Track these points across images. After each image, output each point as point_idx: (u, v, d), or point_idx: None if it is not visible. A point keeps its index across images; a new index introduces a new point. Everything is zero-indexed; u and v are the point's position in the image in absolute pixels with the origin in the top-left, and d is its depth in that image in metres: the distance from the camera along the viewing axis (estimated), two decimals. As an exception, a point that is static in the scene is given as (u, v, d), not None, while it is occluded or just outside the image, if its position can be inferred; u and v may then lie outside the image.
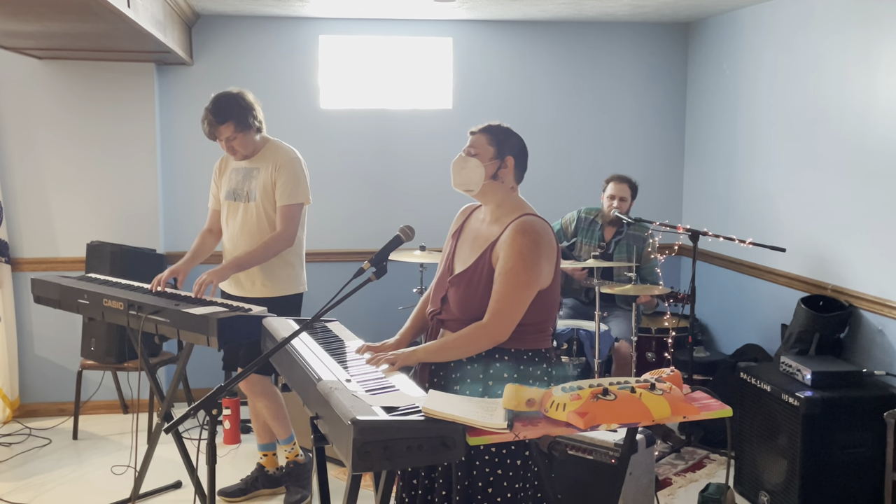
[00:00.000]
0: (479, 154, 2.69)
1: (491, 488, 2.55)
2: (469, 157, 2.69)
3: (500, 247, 2.60)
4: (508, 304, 2.54)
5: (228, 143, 3.75)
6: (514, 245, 2.56)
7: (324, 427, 2.22)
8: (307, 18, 5.52)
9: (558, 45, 5.81)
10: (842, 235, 4.32)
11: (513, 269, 2.54)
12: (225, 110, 3.69)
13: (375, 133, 5.69)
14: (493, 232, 2.68)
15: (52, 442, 4.90)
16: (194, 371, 5.25)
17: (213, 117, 3.68)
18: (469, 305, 2.62)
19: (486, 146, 2.70)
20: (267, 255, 3.73)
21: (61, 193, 5.28)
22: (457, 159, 2.71)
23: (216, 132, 3.71)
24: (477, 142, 2.72)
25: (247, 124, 3.73)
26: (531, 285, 2.56)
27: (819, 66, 4.47)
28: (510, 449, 2.57)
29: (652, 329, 5.19)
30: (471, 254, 2.70)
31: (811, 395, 3.63)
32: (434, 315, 2.75)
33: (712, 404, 2.22)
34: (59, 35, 4.22)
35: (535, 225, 2.61)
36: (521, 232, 2.58)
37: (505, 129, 2.77)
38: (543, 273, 2.58)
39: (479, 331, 2.56)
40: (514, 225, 2.61)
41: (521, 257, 2.55)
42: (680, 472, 4.37)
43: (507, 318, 2.54)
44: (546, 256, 2.58)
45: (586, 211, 5.17)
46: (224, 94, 3.76)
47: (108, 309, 3.55)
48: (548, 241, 2.61)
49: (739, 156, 5.29)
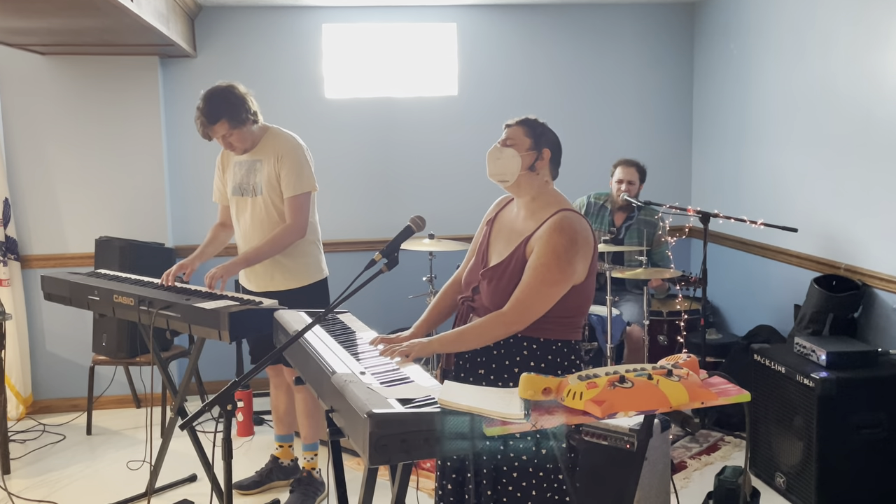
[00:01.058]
0: (516, 144, 2.65)
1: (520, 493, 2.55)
2: (505, 147, 2.65)
3: (535, 240, 2.57)
4: (532, 297, 2.52)
5: (226, 141, 3.68)
6: (550, 242, 2.53)
7: (339, 420, 2.21)
8: (310, 7, 5.49)
9: (563, 28, 5.76)
10: (854, 214, 4.28)
11: (545, 266, 2.51)
12: (216, 109, 3.59)
13: (381, 121, 5.67)
14: (528, 227, 2.64)
15: (66, 438, 4.91)
16: (206, 365, 5.26)
17: (205, 118, 3.59)
18: (501, 299, 2.59)
19: (522, 137, 2.66)
20: (276, 248, 3.69)
21: (68, 189, 5.28)
22: (492, 149, 2.67)
23: (210, 132, 3.63)
24: (513, 133, 2.67)
25: (240, 119, 3.63)
26: (561, 283, 2.53)
27: (827, 44, 4.42)
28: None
29: (664, 312, 5.17)
30: (506, 247, 2.67)
31: (826, 376, 3.61)
32: (466, 301, 2.74)
33: (730, 389, 2.20)
34: (63, 31, 4.20)
35: (574, 222, 2.57)
36: (558, 230, 2.54)
37: (541, 123, 2.73)
38: (578, 270, 2.55)
39: (496, 319, 2.54)
40: (552, 221, 2.57)
41: (556, 255, 2.52)
42: (695, 456, 4.35)
43: (528, 310, 2.52)
44: (582, 254, 2.55)
45: (595, 196, 5.14)
46: (213, 92, 3.63)
47: (118, 305, 3.54)
48: (585, 238, 2.57)
49: (748, 136, 5.25)
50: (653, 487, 3.39)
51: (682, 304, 5.14)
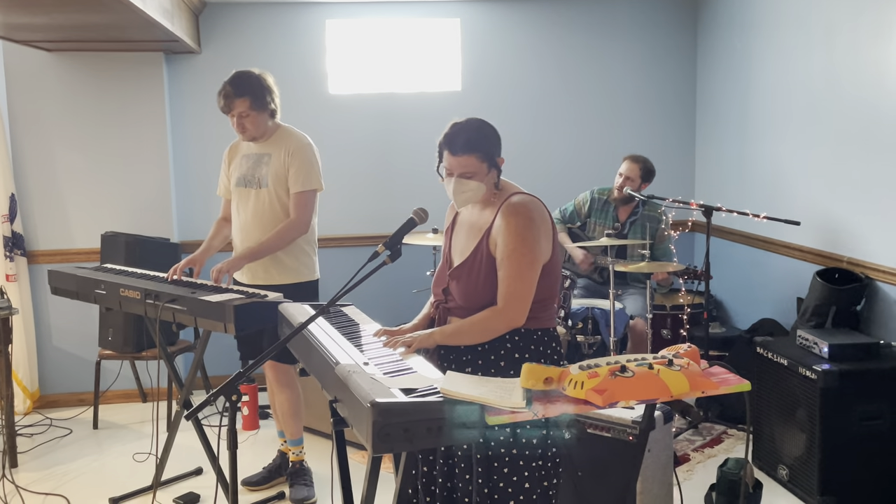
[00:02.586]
0: (476, 174, 2.61)
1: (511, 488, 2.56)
2: (466, 180, 2.61)
3: (496, 232, 2.59)
4: (519, 285, 2.54)
5: (240, 120, 3.71)
6: (510, 227, 2.55)
7: (343, 410, 2.23)
8: (314, 3, 5.50)
9: (567, 22, 5.77)
10: (856, 207, 4.29)
11: (515, 251, 2.54)
12: (245, 85, 3.67)
13: (385, 117, 5.69)
14: (485, 218, 2.67)
15: (73, 432, 4.95)
16: (211, 359, 5.28)
17: (231, 88, 3.66)
18: (472, 295, 2.62)
19: (478, 164, 2.61)
20: (281, 243, 3.73)
21: (74, 185, 5.31)
22: (455, 185, 2.61)
23: (232, 104, 3.67)
24: (468, 164, 2.60)
25: (263, 103, 3.71)
26: (535, 263, 2.56)
27: (831, 37, 4.43)
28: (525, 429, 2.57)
29: (667, 306, 5.18)
30: (467, 243, 2.69)
31: (829, 368, 3.62)
32: (440, 304, 2.76)
33: (731, 379, 2.22)
34: (68, 27, 4.23)
35: (526, 203, 2.61)
36: (513, 213, 2.57)
37: (483, 134, 2.64)
38: (543, 248, 2.58)
39: (496, 315, 2.56)
40: (504, 207, 2.60)
41: (521, 238, 2.54)
42: (698, 448, 4.37)
43: (522, 300, 2.55)
44: (543, 232, 2.58)
45: (599, 191, 5.15)
46: (245, 71, 3.74)
47: (125, 298, 3.57)
48: (541, 215, 2.60)
49: (751, 130, 5.25)
50: (656, 479, 3.41)
51: (685, 297, 5.16)
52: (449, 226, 2.86)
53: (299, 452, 4.05)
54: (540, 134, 5.82)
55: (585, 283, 5.16)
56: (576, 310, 4.74)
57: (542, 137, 5.83)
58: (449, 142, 2.63)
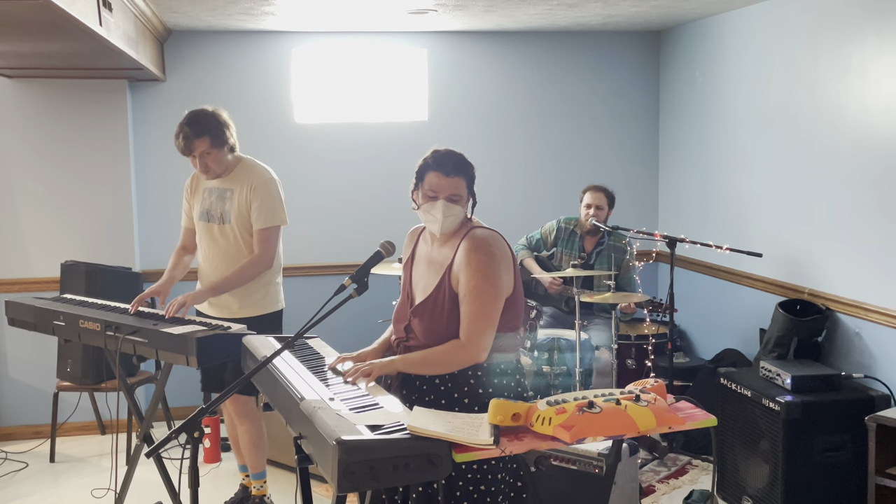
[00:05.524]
0: (461, 199, 2.64)
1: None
2: (453, 204, 2.62)
3: (457, 268, 2.58)
4: (481, 322, 2.53)
5: (202, 160, 3.69)
6: (471, 263, 2.55)
7: (308, 447, 2.20)
8: (280, 32, 5.50)
9: (532, 54, 5.83)
10: (817, 239, 4.36)
11: (476, 287, 2.53)
12: (202, 124, 3.64)
13: (351, 146, 5.68)
14: (444, 254, 2.66)
15: (29, 465, 4.82)
16: (173, 390, 5.19)
17: (189, 129, 3.63)
18: (434, 332, 2.61)
19: (463, 189, 2.64)
20: (244, 279, 3.70)
21: (34, 213, 5.22)
22: (444, 208, 2.60)
23: (192, 145, 3.64)
24: (457, 186, 2.62)
25: (222, 140, 3.69)
26: (497, 299, 2.56)
27: (791, 72, 4.51)
28: (491, 465, 2.55)
29: (631, 336, 5.20)
30: (429, 280, 2.68)
31: (791, 400, 3.65)
32: (401, 342, 2.73)
33: (697, 414, 2.22)
34: (30, 54, 4.17)
35: (487, 238, 2.60)
36: (474, 249, 2.57)
37: (468, 161, 2.68)
38: (505, 282, 2.58)
39: (458, 351, 2.55)
40: (465, 243, 2.60)
41: (482, 274, 2.54)
42: (663, 479, 4.37)
43: (484, 337, 2.54)
44: (504, 265, 2.59)
45: (565, 220, 5.18)
46: (200, 110, 3.71)
47: (84, 330, 3.50)
48: (501, 249, 2.60)
49: (714, 162, 5.33)
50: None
51: (649, 328, 5.18)
52: (409, 258, 2.83)
53: (262, 486, 3.98)
54: (505, 164, 5.85)
55: (552, 312, 5.17)
56: (542, 340, 4.74)
57: (507, 167, 5.86)
58: (439, 164, 2.63)
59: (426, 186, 2.64)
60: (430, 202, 2.63)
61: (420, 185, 2.67)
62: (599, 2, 4.62)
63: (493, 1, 4.53)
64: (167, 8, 4.52)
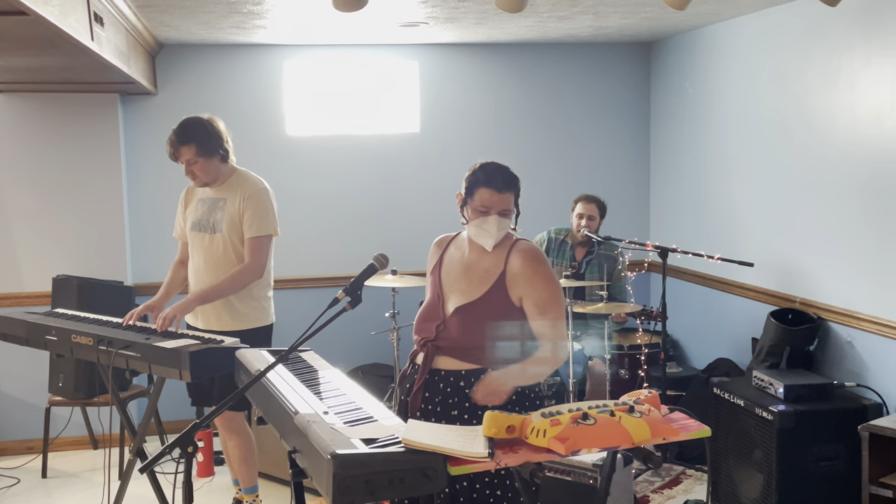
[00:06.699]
0: (510, 213, 2.75)
1: None
2: (504, 218, 2.72)
3: (518, 278, 2.67)
4: (562, 329, 2.68)
5: (189, 167, 3.70)
6: (540, 273, 2.68)
7: (302, 461, 2.19)
8: (271, 45, 5.51)
9: (523, 66, 5.85)
10: (808, 248, 4.38)
11: (553, 296, 2.68)
12: (189, 132, 3.66)
13: (343, 159, 5.68)
14: (492, 263, 2.73)
15: (21, 481, 4.80)
16: (165, 404, 5.15)
17: (175, 137, 3.66)
18: (474, 333, 2.67)
19: (512, 203, 2.76)
20: (234, 287, 3.69)
21: (25, 227, 5.20)
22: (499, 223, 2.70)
23: (178, 152, 3.67)
24: (508, 201, 2.73)
25: (210, 150, 3.69)
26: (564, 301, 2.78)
27: (780, 83, 4.54)
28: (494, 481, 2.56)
29: (624, 346, 5.20)
30: (476, 285, 2.72)
31: (784, 409, 3.66)
32: (427, 341, 2.75)
33: (691, 425, 2.23)
34: (21, 69, 4.17)
35: (533, 246, 2.77)
36: (534, 259, 2.70)
37: (515, 175, 2.80)
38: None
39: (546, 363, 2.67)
40: (521, 254, 2.71)
41: (552, 281, 2.69)
42: (657, 490, 4.37)
43: (563, 342, 2.70)
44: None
45: (556, 231, 5.19)
46: (192, 118, 3.73)
47: (76, 345, 3.49)
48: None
49: (705, 172, 5.35)
50: (616, 523, 3.40)
51: (642, 337, 5.19)
52: (437, 263, 2.87)
53: (254, 500, 3.97)
54: (497, 175, 5.84)
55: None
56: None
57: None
58: (490, 179, 2.70)
59: (477, 202, 2.70)
60: (481, 217, 2.68)
61: (470, 200, 2.72)
62: (590, 14, 4.65)
63: (484, 13, 4.55)
64: (158, 22, 4.52)
